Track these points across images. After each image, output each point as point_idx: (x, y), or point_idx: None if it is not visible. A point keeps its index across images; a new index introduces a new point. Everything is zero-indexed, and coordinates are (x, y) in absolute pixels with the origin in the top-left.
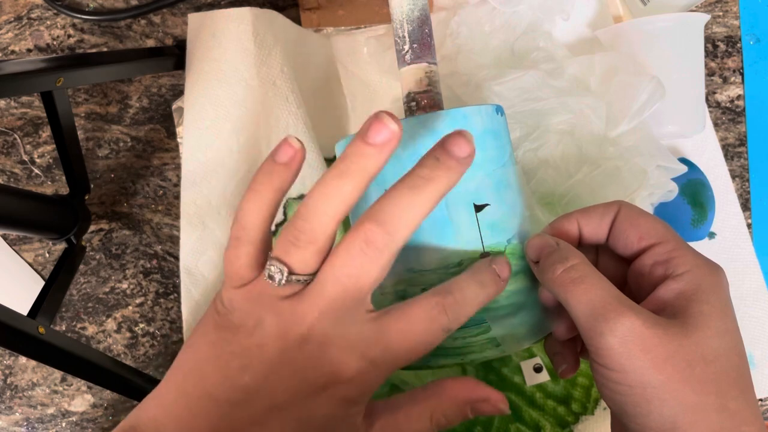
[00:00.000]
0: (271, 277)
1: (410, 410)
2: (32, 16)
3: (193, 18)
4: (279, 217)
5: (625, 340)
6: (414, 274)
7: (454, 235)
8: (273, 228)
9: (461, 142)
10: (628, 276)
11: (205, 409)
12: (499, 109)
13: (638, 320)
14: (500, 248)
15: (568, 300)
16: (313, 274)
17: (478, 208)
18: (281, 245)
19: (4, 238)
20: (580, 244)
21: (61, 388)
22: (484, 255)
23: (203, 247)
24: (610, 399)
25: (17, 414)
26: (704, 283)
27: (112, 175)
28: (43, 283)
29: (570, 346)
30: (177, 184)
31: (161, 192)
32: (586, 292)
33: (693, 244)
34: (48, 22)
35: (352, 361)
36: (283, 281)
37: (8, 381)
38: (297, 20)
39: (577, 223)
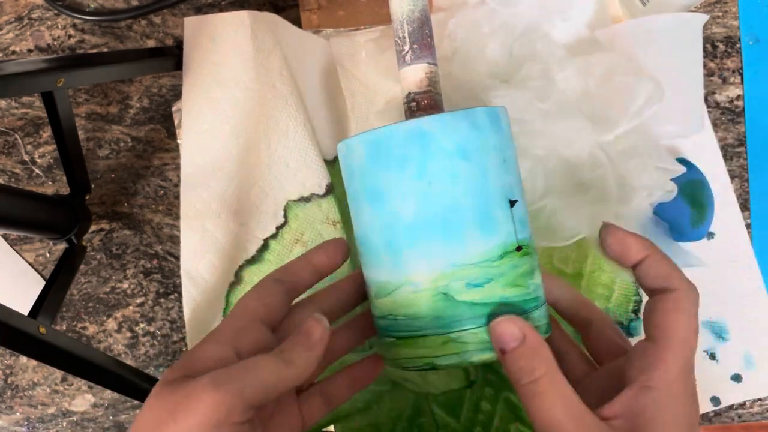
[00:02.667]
0: None
1: None
2: (33, 16)
3: (190, 22)
4: (279, 219)
5: None
6: (457, 269)
7: (495, 229)
8: (274, 231)
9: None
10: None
11: None
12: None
13: None
14: (527, 242)
15: (527, 409)
16: None
17: (511, 204)
18: None
19: (5, 238)
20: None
21: (61, 388)
22: (518, 248)
23: (203, 250)
24: None
25: (18, 414)
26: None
27: (113, 175)
28: (43, 283)
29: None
30: (177, 185)
31: (162, 192)
32: (547, 411)
33: (692, 244)
34: (49, 23)
35: None
36: None
37: (9, 381)
38: (297, 21)
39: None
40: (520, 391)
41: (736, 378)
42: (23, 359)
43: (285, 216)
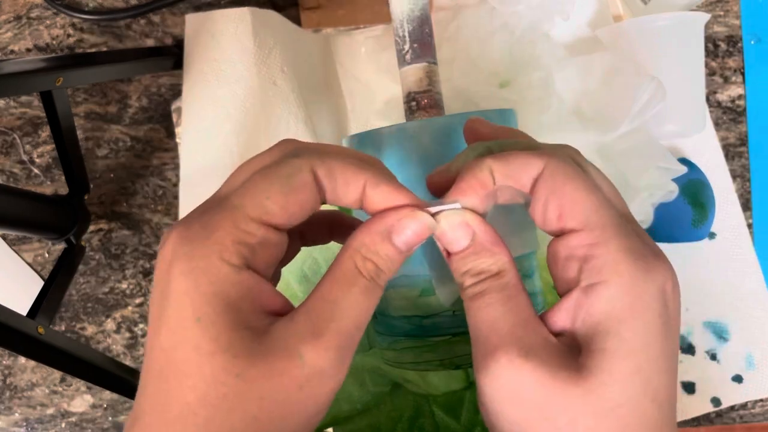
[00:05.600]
0: None
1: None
2: (32, 15)
3: (191, 19)
4: None
5: (502, 386)
6: (520, 259)
7: (533, 226)
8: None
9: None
10: (547, 258)
11: None
12: None
13: (526, 370)
14: None
15: (468, 314)
16: None
17: None
18: None
19: (4, 238)
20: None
21: (60, 389)
22: None
23: None
24: None
25: (16, 414)
26: (621, 302)
27: (112, 175)
28: (42, 283)
29: None
30: (176, 184)
31: (161, 192)
32: (489, 314)
33: (693, 245)
34: (47, 22)
35: None
36: None
37: (8, 381)
38: (297, 20)
39: (491, 174)
40: (466, 304)
41: (738, 379)
42: (22, 360)
43: None
